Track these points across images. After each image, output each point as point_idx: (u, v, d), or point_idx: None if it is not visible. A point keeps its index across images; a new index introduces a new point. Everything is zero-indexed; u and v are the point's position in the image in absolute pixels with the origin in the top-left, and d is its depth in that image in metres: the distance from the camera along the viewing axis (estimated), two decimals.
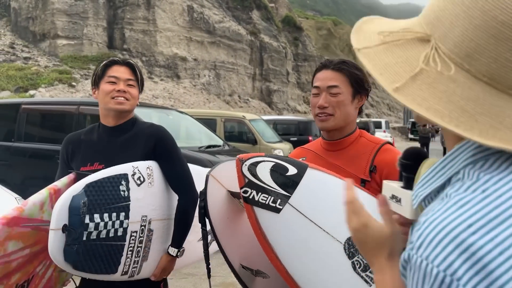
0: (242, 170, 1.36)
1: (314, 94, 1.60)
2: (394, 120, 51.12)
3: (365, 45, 0.67)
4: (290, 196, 1.34)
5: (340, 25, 70.44)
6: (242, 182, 1.35)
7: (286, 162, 1.40)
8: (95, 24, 26.65)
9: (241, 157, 1.38)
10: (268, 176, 1.35)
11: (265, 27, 38.23)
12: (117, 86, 1.85)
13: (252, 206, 1.33)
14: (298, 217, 1.34)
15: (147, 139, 1.89)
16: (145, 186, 1.83)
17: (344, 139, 1.60)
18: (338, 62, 1.58)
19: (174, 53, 28.84)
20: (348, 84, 1.56)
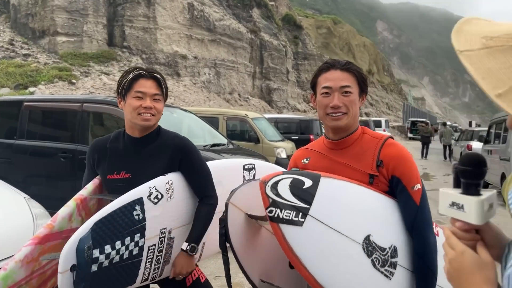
0: (266, 192, 1.42)
1: (324, 94, 1.62)
2: (393, 119, 51.14)
3: (467, 48, 0.67)
4: (309, 207, 1.41)
5: (340, 24, 70.39)
6: (267, 203, 1.41)
7: (302, 176, 1.46)
8: (95, 21, 26.53)
9: (264, 179, 1.45)
10: (288, 192, 1.42)
11: (265, 26, 38.16)
12: (143, 102, 1.87)
13: (278, 224, 1.39)
14: (319, 226, 1.40)
15: (174, 152, 1.94)
16: (163, 202, 1.87)
17: (348, 137, 1.64)
18: (346, 62, 1.64)
19: (174, 50, 28.75)
20: (356, 84, 1.63)
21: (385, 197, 1.56)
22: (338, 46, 63.02)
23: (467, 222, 0.84)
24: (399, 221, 1.55)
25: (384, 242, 1.47)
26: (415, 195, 1.53)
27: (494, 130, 10.49)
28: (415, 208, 1.52)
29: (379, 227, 1.51)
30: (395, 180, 1.55)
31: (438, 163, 18.82)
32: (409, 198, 1.53)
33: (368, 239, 1.44)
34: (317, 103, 1.67)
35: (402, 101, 67.63)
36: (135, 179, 1.89)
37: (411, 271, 1.52)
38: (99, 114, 5.87)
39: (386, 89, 69.97)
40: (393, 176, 1.54)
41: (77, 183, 5.50)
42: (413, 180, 1.54)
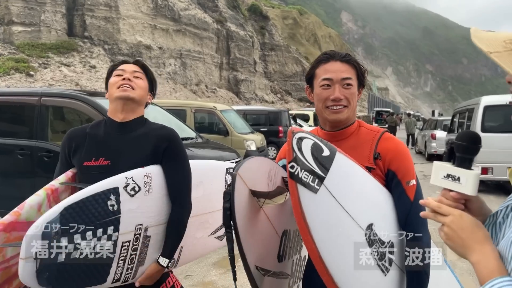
0: (292, 143, 1.35)
1: (325, 86, 1.57)
2: (359, 109, 52.04)
3: (495, 50, 0.83)
4: (325, 177, 1.36)
5: (306, 14, 70.71)
6: (291, 156, 1.34)
7: (321, 143, 1.41)
8: (53, 10, 25.42)
9: (292, 129, 1.39)
10: (309, 154, 1.36)
11: (231, 16, 37.79)
12: (122, 76, 1.86)
13: (297, 184, 1.32)
14: (331, 200, 1.36)
15: (159, 140, 1.86)
16: (140, 195, 1.76)
17: (345, 130, 1.62)
18: (346, 54, 1.61)
19: (138, 41, 28.01)
20: (356, 76, 1.60)
21: (387, 191, 1.55)
22: (304, 37, 63.36)
23: (462, 193, 0.97)
24: (397, 219, 1.54)
25: (384, 235, 1.46)
26: (409, 191, 1.52)
27: (457, 119, 10.75)
28: (408, 203, 1.51)
29: (381, 219, 1.48)
30: (391, 174, 1.54)
31: None
32: (403, 193, 1.52)
33: (371, 228, 1.42)
34: (315, 96, 1.61)
35: (367, 91, 68.89)
36: (114, 167, 1.79)
37: (405, 272, 1.51)
38: (60, 108, 5.59)
39: None
40: (389, 169, 1.54)
41: (37, 181, 5.25)
42: (408, 175, 1.53)
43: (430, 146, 15.25)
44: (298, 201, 1.32)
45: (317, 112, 1.66)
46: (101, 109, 5.21)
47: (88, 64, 24.82)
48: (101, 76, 24.07)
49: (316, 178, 1.34)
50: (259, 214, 1.52)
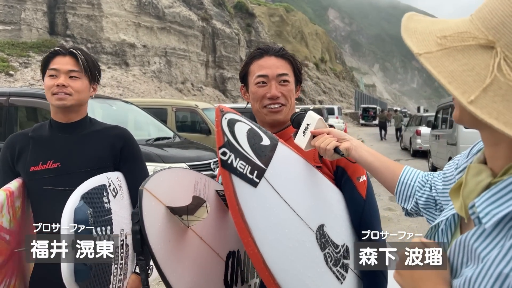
0: (222, 124, 1.15)
1: (260, 83, 1.46)
2: (346, 106, 52.22)
3: (426, 50, 0.66)
4: (265, 169, 1.18)
5: (292, 12, 70.64)
6: (221, 140, 1.14)
7: (259, 130, 1.23)
8: (34, 8, 24.90)
9: (221, 107, 1.18)
10: (245, 140, 1.17)
11: (217, 13, 37.50)
12: (56, 80, 1.70)
13: (230, 174, 1.13)
14: (274, 195, 1.19)
15: (114, 140, 1.78)
16: (119, 198, 1.70)
17: (285, 130, 1.50)
18: (281, 48, 1.51)
19: (121, 39, 27.60)
20: (292, 72, 1.51)
21: (338, 190, 1.42)
22: (291, 34, 63.29)
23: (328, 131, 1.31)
24: (350, 219, 1.42)
25: (337, 238, 1.32)
26: (360, 187, 1.42)
27: (441, 115, 10.72)
28: (361, 201, 1.42)
29: (333, 220, 1.34)
30: (340, 170, 1.43)
31: (390, 148, 19.30)
32: (354, 191, 1.42)
33: (322, 229, 1.27)
34: (251, 95, 1.49)
35: (354, 88, 69.19)
36: (65, 169, 1.69)
37: (361, 279, 1.39)
38: (29, 108, 5.40)
39: (339, 77, 71.24)
40: (338, 166, 1.43)
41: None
42: (358, 171, 1.43)
43: (415, 142, 15.25)
44: (234, 196, 1.13)
45: (254, 113, 1.52)
46: None
47: None
48: None
49: (254, 170, 1.16)
50: (187, 235, 1.32)
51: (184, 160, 4.93)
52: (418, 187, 1.16)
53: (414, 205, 1.17)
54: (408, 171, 1.20)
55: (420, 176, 1.19)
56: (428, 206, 1.13)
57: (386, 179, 1.20)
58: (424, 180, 1.17)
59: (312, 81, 51.58)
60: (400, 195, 1.18)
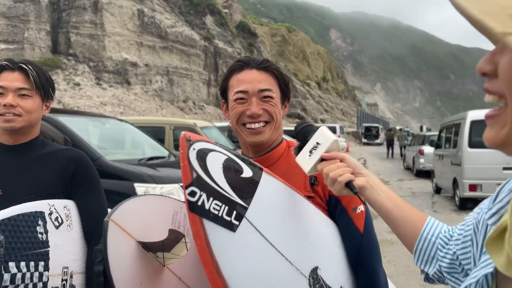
0: (189, 157, 0.94)
1: (239, 100, 1.28)
2: (348, 125, 52.15)
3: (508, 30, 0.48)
4: (247, 207, 0.99)
5: (294, 32, 71.41)
6: (189, 177, 0.92)
7: (239, 159, 1.04)
8: (37, 27, 25.15)
9: (188, 135, 0.96)
10: (221, 174, 0.97)
11: (219, 33, 37.83)
12: (3, 99, 1.52)
13: (201, 218, 0.93)
14: (258, 239, 1.00)
15: (65, 163, 1.58)
16: (63, 229, 1.48)
17: (271, 153, 1.32)
18: (264, 60, 1.32)
19: (123, 58, 27.77)
20: (278, 87, 1.32)
21: (332, 222, 1.24)
22: (293, 53, 63.81)
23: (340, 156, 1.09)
24: (346, 257, 1.24)
25: (333, 280, 1.14)
26: (357, 220, 1.24)
27: (444, 135, 10.51)
28: (358, 236, 1.24)
29: (328, 260, 1.16)
30: (333, 200, 1.25)
31: (393, 167, 19.05)
32: (350, 224, 1.24)
33: (315, 273, 1.10)
34: (230, 112, 1.32)
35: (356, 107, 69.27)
36: (9, 195, 1.51)
37: None
38: None
39: (341, 96, 71.44)
40: (331, 195, 1.25)
41: None
42: (355, 200, 1.25)
43: (418, 162, 14.99)
44: (206, 246, 0.92)
45: (234, 133, 1.33)
46: (63, 127, 4.86)
47: (72, 81, 24.46)
48: (85, 94, 23.70)
49: (233, 209, 0.97)
50: (163, 276, 1.13)
51: (177, 180, 4.69)
52: (440, 245, 0.90)
53: (438, 269, 0.90)
54: (433, 224, 0.94)
55: (444, 231, 0.93)
56: (453, 269, 0.86)
57: (405, 234, 0.95)
58: (448, 236, 0.91)
59: (314, 99, 51.65)
60: (421, 255, 0.92)
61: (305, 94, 46.90)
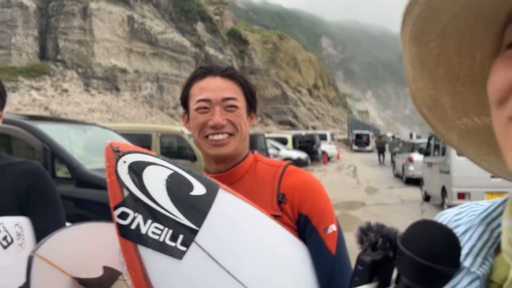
0: (117, 170, 0.82)
1: (201, 109, 1.18)
2: (339, 132, 52.30)
3: None
4: (198, 230, 0.87)
5: (286, 39, 71.77)
6: (118, 196, 0.82)
7: (190, 175, 0.92)
8: (25, 33, 24.93)
9: (115, 146, 0.84)
10: (163, 191, 0.86)
11: (210, 39, 37.84)
12: None
13: (136, 245, 0.81)
14: (212, 266, 0.87)
15: (20, 178, 1.47)
16: (13, 249, 1.36)
17: (237, 168, 1.21)
18: (228, 67, 1.25)
19: (113, 64, 27.59)
20: (243, 96, 1.23)
21: (301, 243, 1.13)
22: (284, 61, 64.05)
23: None
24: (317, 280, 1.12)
25: None
26: (329, 241, 1.14)
27: (433, 142, 10.49)
28: (330, 258, 1.13)
29: (296, 285, 1.06)
30: (303, 219, 1.15)
31: (383, 175, 19.04)
32: (321, 245, 1.14)
33: None
34: (191, 123, 1.22)
35: (347, 114, 69.58)
36: None
37: None
38: (4, 136, 5.03)
39: (332, 103, 71.75)
40: (300, 214, 1.15)
41: None
42: (325, 219, 1.16)
43: (408, 170, 14.98)
44: (143, 278, 0.80)
45: (196, 145, 1.22)
46: (41, 135, 4.70)
47: (60, 87, 24.22)
48: (73, 100, 23.45)
49: (179, 233, 0.84)
50: None
51: None
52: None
53: None
54: None
55: None
56: None
57: None
58: None
59: (305, 107, 51.78)
60: None
61: (296, 101, 46.98)
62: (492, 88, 0.43)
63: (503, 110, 0.41)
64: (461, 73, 0.48)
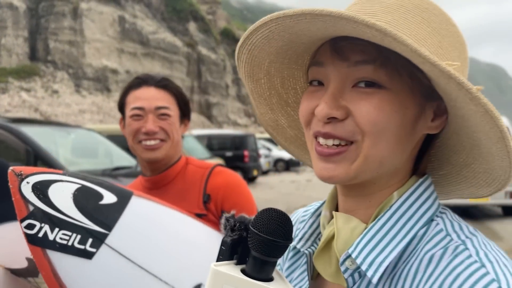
0: (21, 190, 0.95)
1: (135, 116, 1.30)
2: None
3: None
4: (108, 233, 1.00)
5: None
6: (24, 211, 0.94)
7: (100, 186, 1.06)
8: (14, 34, 24.81)
9: (17, 170, 0.96)
10: (70, 203, 0.99)
11: (202, 39, 37.82)
12: None
13: (45, 250, 0.93)
14: (122, 263, 1.00)
15: None
16: None
17: (168, 171, 1.34)
18: (163, 78, 1.37)
19: (104, 65, 27.54)
20: (176, 105, 1.36)
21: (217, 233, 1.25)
22: None
23: None
24: None
25: None
26: None
27: None
28: None
29: None
30: None
31: None
32: None
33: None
34: (126, 129, 1.35)
35: None
36: None
37: None
38: None
39: None
40: (223, 211, 1.25)
41: None
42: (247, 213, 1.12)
43: None
44: (53, 276, 0.93)
45: (131, 149, 1.34)
46: (24, 138, 4.67)
47: (51, 88, 24.12)
48: (64, 101, 23.35)
49: (88, 237, 0.96)
50: None
51: None
52: None
53: None
54: None
55: None
56: None
57: None
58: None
59: None
60: None
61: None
62: (301, 114, 0.58)
63: (309, 131, 0.57)
64: (289, 100, 0.65)
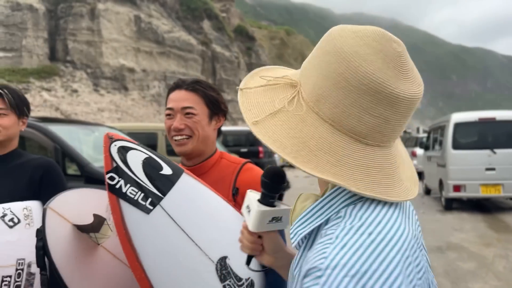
0: (110, 150, 1.17)
1: (168, 115, 1.49)
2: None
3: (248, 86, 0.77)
4: (162, 197, 1.19)
5: (293, 34, 71.60)
6: (109, 166, 1.16)
7: (161, 159, 1.24)
8: (35, 35, 25.41)
9: (111, 135, 1.19)
10: (140, 168, 1.19)
11: (216, 37, 38.04)
12: None
13: (118, 198, 1.15)
14: (170, 223, 1.19)
15: (34, 170, 1.81)
16: (20, 228, 1.65)
17: (204, 163, 1.51)
18: (192, 81, 1.51)
19: (121, 64, 28.00)
20: (203, 105, 1.50)
21: None
22: (292, 56, 63.99)
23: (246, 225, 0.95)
24: None
25: (242, 271, 1.27)
26: None
27: (432, 136, 10.66)
28: None
29: (239, 254, 1.24)
30: None
31: None
32: None
33: (224, 261, 1.25)
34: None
35: None
36: None
37: None
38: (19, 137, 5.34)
39: None
40: None
41: None
42: None
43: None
44: (121, 221, 1.14)
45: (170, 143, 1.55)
46: (53, 136, 5.01)
47: (70, 88, 24.68)
48: (83, 100, 23.90)
49: (148, 198, 1.17)
50: (98, 252, 1.34)
51: None
52: None
53: None
54: None
55: None
56: None
57: None
58: None
59: None
60: None
61: None
62: None
63: None
64: None
